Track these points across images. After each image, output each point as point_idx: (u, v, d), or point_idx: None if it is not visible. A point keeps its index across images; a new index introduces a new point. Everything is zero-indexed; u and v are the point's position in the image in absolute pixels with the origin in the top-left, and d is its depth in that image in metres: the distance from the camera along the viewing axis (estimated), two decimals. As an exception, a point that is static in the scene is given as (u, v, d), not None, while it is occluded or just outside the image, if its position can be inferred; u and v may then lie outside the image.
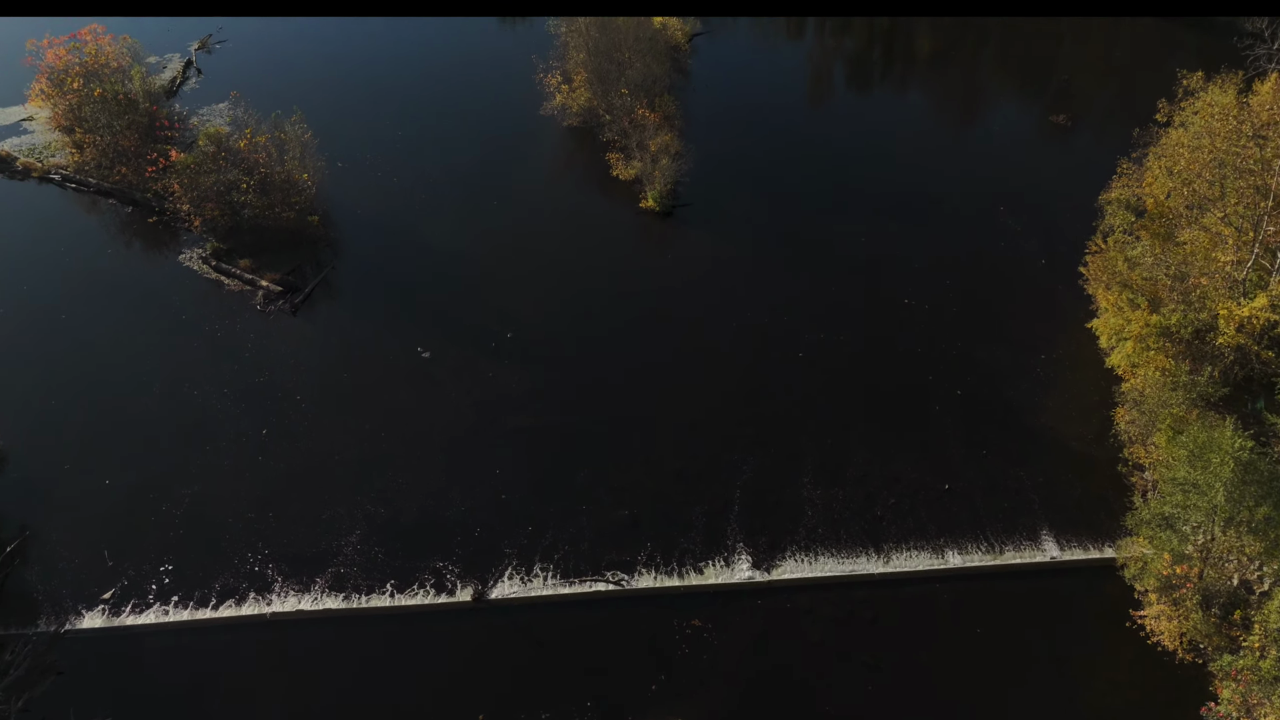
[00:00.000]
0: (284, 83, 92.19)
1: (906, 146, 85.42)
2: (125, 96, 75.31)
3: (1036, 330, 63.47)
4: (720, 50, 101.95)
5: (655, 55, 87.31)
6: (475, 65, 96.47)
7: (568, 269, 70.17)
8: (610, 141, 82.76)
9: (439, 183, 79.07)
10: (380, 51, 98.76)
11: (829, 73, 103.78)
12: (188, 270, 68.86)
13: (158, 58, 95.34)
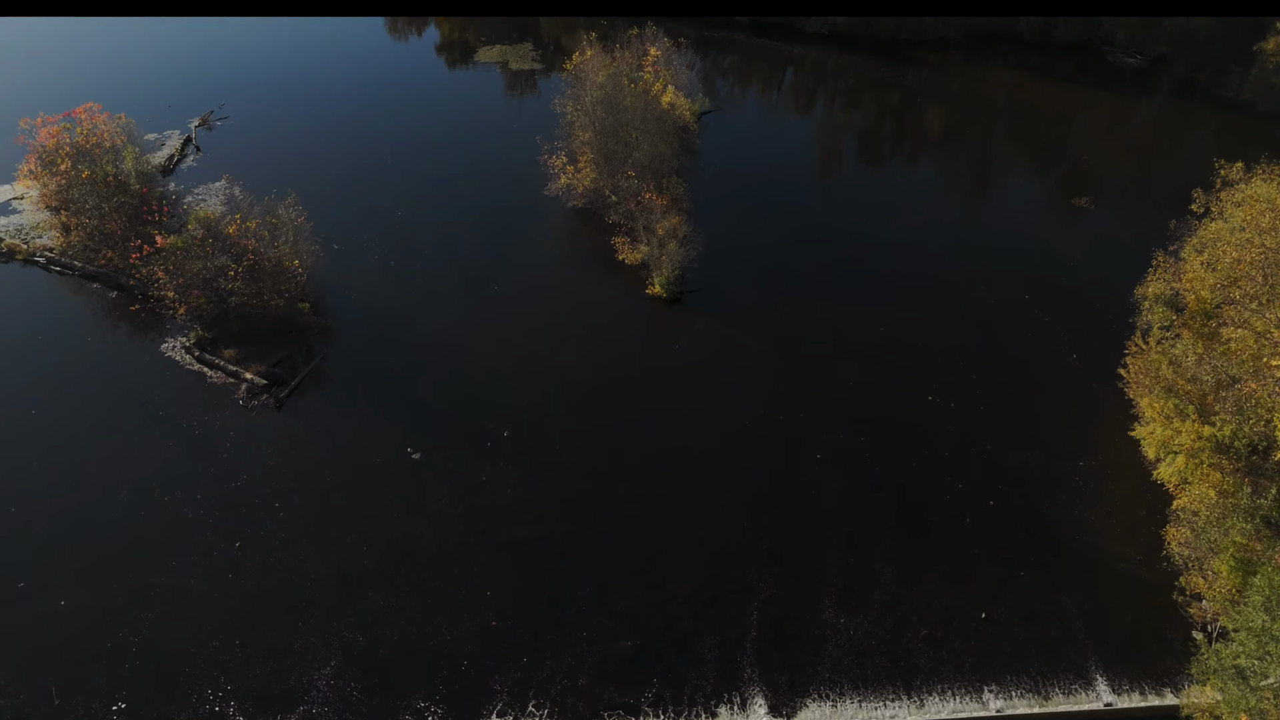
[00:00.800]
0: (285, 159, 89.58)
1: (922, 227, 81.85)
2: (114, 178, 72.12)
3: (1072, 433, 58.67)
4: (729, 127, 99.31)
5: (663, 135, 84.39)
6: (479, 143, 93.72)
7: (570, 360, 65.92)
8: (616, 224, 79.35)
9: (438, 265, 75.42)
10: (384, 128, 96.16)
11: (839, 150, 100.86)
12: (169, 361, 64.72)
13: (157, 135, 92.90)
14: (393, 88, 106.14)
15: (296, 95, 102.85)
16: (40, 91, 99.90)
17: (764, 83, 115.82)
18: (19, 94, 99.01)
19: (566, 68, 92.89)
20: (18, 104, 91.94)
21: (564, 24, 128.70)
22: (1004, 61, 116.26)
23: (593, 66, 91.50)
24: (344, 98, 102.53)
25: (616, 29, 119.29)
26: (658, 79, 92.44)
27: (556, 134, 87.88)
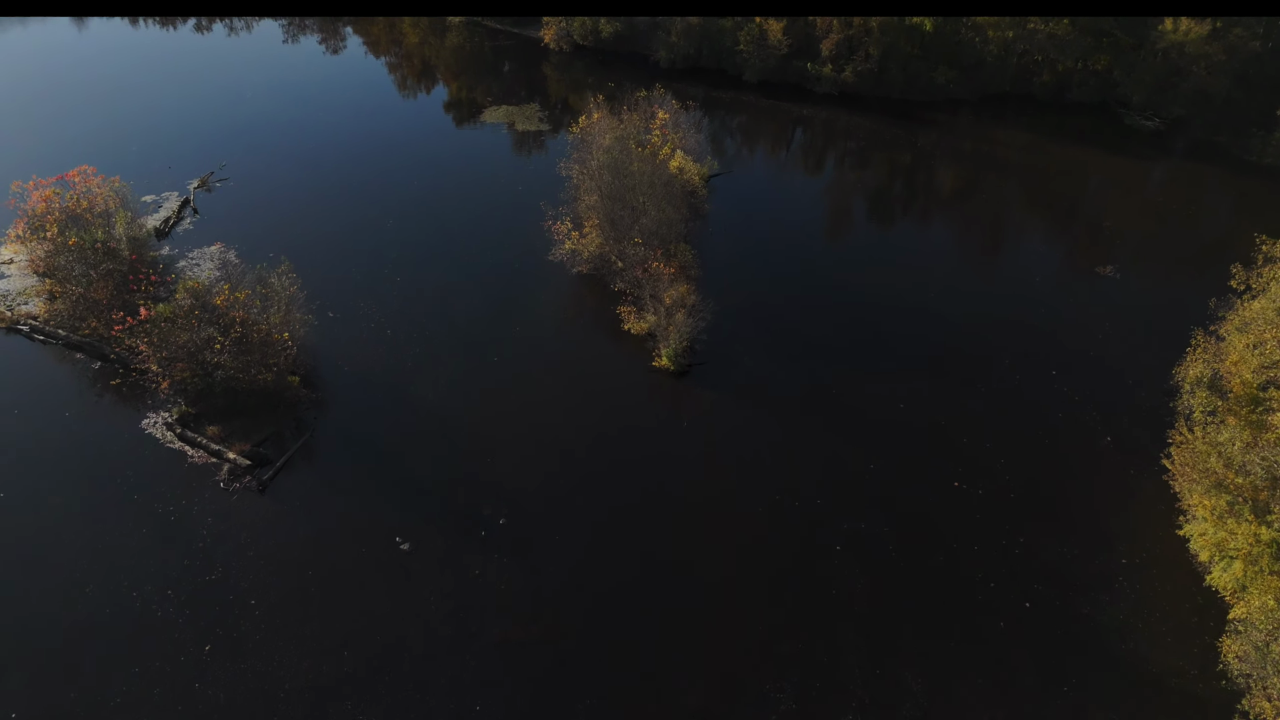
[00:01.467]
0: (284, 222, 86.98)
1: (938, 293, 78.33)
2: (102, 245, 69.28)
3: (1111, 526, 54.23)
4: (738, 189, 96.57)
5: (671, 200, 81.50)
6: (482, 206, 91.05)
7: (570, 437, 62.02)
8: (622, 291, 76.07)
9: (436, 333, 72.02)
10: (387, 190, 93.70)
11: (850, 212, 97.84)
12: (149, 438, 61.00)
13: (154, 197, 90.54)
14: (398, 148, 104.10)
15: (300, 155, 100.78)
16: (39, 153, 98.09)
17: (773, 143, 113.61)
18: (17, 155, 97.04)
19: (573, 130, 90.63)
20: (15, 166, 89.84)
21: (572, 83, 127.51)
22: (1016, 122, 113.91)
23: (599, 129, 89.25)
24: (348, 158, 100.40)
25: (624, 90, 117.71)
26: (665, 142, 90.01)
27: (562, 197, 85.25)
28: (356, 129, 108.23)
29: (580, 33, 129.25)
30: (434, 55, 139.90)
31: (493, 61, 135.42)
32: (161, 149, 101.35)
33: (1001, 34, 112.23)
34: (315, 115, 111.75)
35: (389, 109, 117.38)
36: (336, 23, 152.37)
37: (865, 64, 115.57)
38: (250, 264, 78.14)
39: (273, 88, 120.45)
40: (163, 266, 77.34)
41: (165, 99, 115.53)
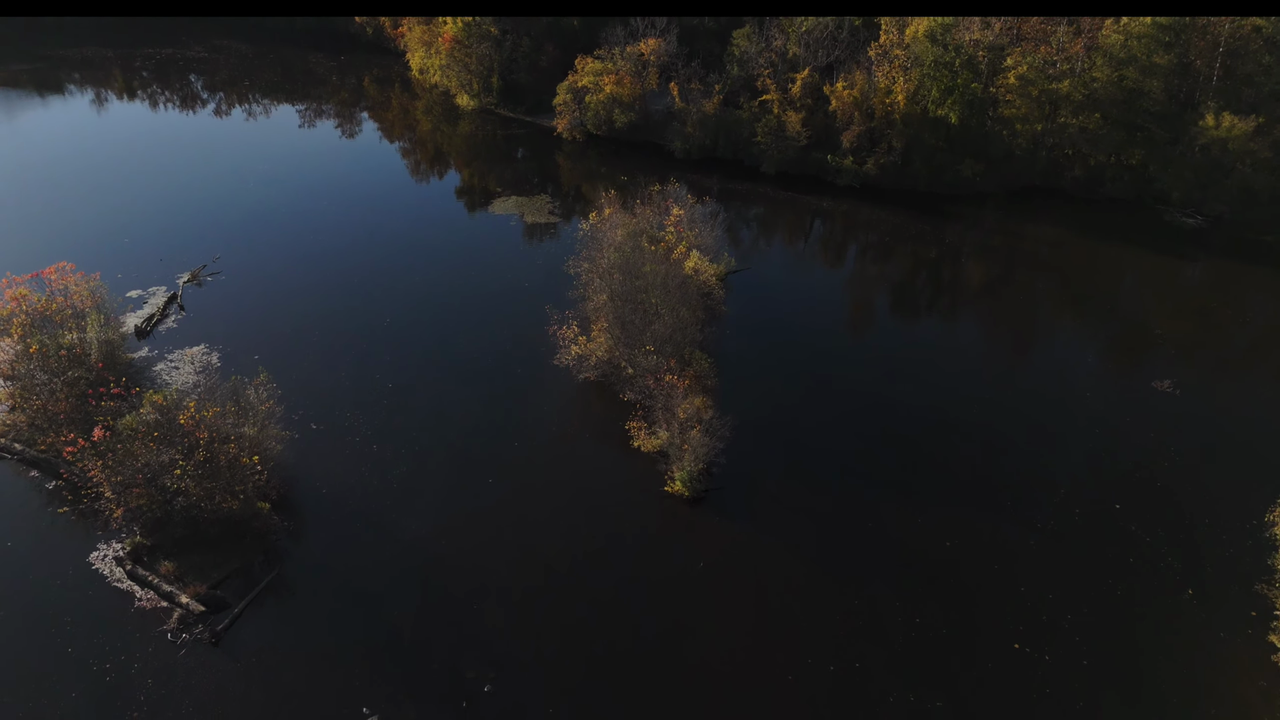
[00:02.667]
0: (275, 319, 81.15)
1: (977, 405, 71.07)
2: (68, 352, 63.23)
3: (1206, 704, 45.63)
4: (757, 287, 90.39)
5: (685, 302, 75.27)
6: (485, 304, 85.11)
7: (569, 575, 54.29)
8: (632, 403, 69.15)
9: (427, 449, 65.00)
10: (386, 285, 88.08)
11: (874, 311, 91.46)
12: (96, 575, 53.66)
13: (141, 291, 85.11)
14: (402, 241, 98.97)
15: (299, 248, 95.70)
16: (29, 244, 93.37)
17: (792, 237, 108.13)
18: (7, 247, 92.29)
19: (583, 226, 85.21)
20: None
21: (584, 173, 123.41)
22: (1047, 218, 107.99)
23: (611, 225, 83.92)
24: (349, 252, 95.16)
25: (638, 183, 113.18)
26: (680, 240, 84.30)
27: (570, 295, 79.35)
28: (361, 221, 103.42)
29: (594, 122, 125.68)
30: (445, 142, 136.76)
31: (504, 149, 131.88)
32: (157, 239, 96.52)
33: (1030, 127, 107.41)
34: (319, 205, 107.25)
35: (396, 199, 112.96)
36: (353, 108, 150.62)
37: (888, 156, 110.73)
38: (234, 366, 72.63)
39: (280, 175, 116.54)
40: (137, 371, 71.31)
41: (169, 186, 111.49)
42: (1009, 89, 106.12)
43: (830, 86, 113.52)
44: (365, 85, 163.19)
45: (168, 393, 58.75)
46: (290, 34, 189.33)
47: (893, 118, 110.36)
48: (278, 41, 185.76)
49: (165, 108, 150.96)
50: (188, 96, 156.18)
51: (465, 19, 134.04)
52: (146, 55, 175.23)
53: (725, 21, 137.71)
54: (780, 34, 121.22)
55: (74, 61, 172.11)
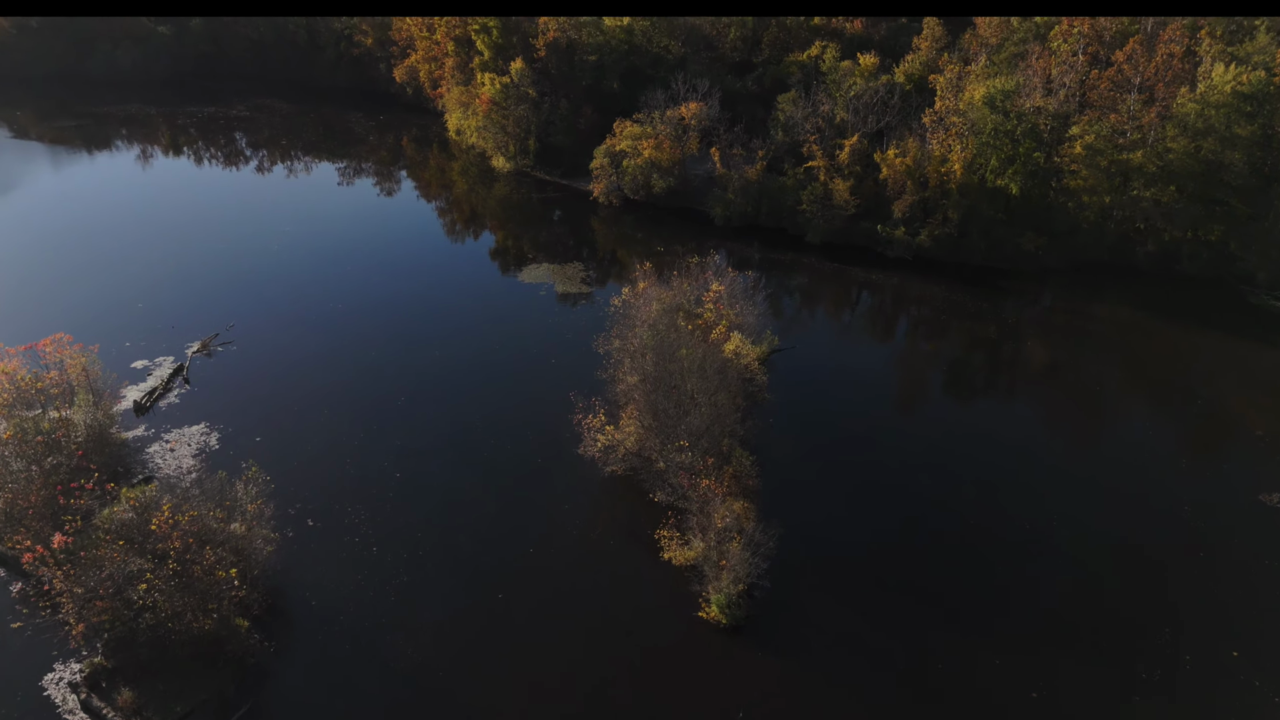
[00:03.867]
0: (281, 398, 75.17)
1: (1057, 521, 62.18)
2: (46, 438, 57.47)
3: None
4: (801, 368, 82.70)
5: (725, 388, 67.87)
6: (508, 384, 78.51)
7: (589, 716, 46.37)
8: (663, 505, 61.47)
9: (433, 557, 57.75)
10: (404, 360, 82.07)
11: (930, 397, 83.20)
12: (46, 703, 46.76)
13: (147, 362, 79.92)
14: (425, 308, 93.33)
15: (317, 317, 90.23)
16: (42, 309, 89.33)
17: (839, 313, 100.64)
18: (24, 312, 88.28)
19: (615, 303, 78.66)
20: (17, 325, 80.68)
21: (619, 239, 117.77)
22: (1116, 296, 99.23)
23: (645, 299, 77.46)
24: (369, 322, 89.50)
25: (675, 253, 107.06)
26: (720, 319, 77.25)
27: (599, 375, 72.54)
28: (385, 286, 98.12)
29: (631, 187, 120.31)
30: (480, 204, 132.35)
31: (539, 213, 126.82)
32: (174, 304, 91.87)
33: (1098, 199, 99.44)
34: (344, 270, 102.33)
35: (425, 262, 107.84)
36: (390, 167, 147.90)
37: (943, 227, 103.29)
38: (233, 449, 66.80)
39: (307, 237, 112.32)
40: (128, 454, 65.42)
41: (194, 246, 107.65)
42: (1075, 159, 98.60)
43: (881, 154, 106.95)
44: (404, 145, 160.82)
45: (143, 490, 52.38)
46: (331, 93, 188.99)
47: (948, 187, 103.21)
48: (318, 100, 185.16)
49: (209, 164, 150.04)
50: (231, 154, 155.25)
51: (503, 80, 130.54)
52: (190, 113, 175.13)
53: (769, 85, 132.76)
54: (827, 99, 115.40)
55: (120, 118, 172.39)
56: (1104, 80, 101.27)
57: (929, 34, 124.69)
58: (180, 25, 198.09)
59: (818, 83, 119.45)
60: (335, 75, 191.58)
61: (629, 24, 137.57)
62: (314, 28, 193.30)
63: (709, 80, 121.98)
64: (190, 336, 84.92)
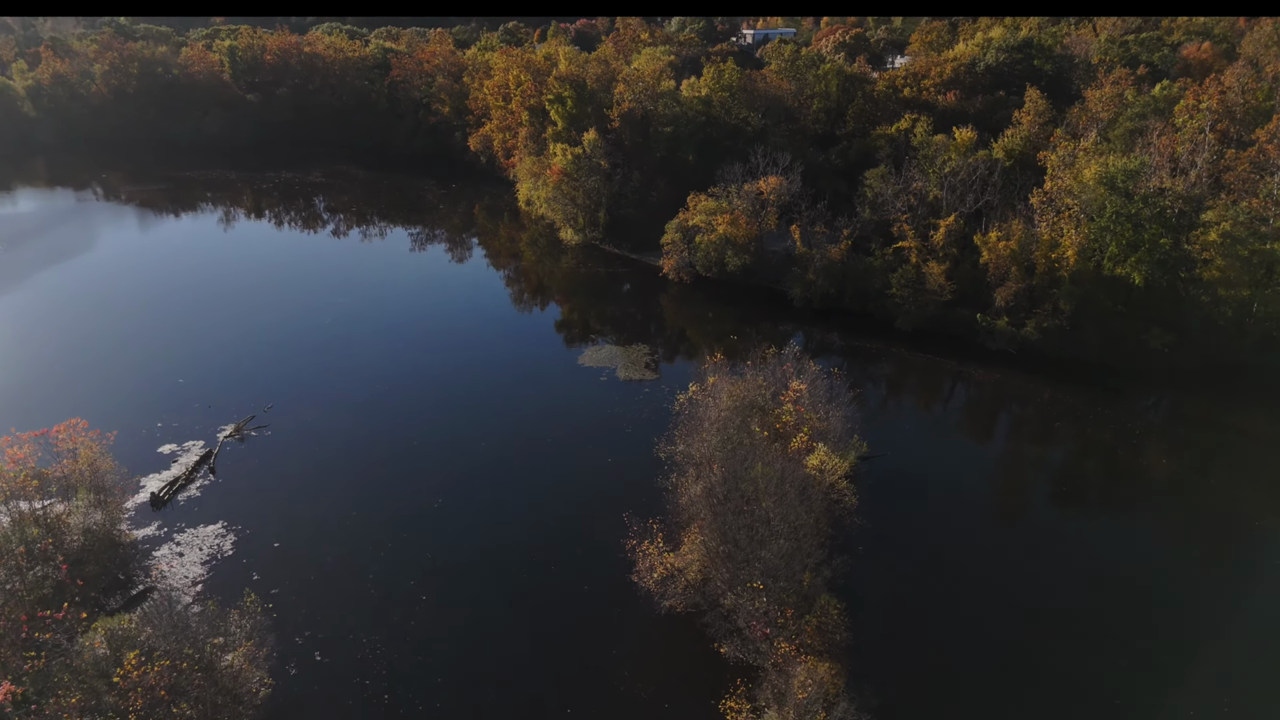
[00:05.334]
0: (310, 494, 67.58)
1: (1200, 688, 49.10)
2: (28, 548, 50.31)
3: None
4: (893, 478, 71.44)
5: (806, 507, 57.18)
6: (556, 487, 69.30)
7: None
8: (731, 661, 50.67)
9: (449, 704, 48.06)
10: (445, 457, 73.97)
11: (1036, 509, 70.86)
12: None
13: (175, 446, 73.45)
14: (475, 393, 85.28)
15: (359, 397, 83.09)
16: (87, 376, 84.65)
17: (932, 411, 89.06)
18: (51, 386, 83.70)
19: (680, 399, 69.19)
20: (25, 411, 75.64)
21: (689, 318, 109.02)
22: (1258, 403, 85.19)
23: (714, 394, 67.88)
24: (413, 403, 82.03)
25: (749, 335, 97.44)
26: (801, 425, 66.80)
27: (660, 480, 62.92)
28: (436, 367, 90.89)
29: (704, 264, 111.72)
30: (547, 276, 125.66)
31: (606, 287, 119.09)
32: (214, 380, 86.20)
33: (1236, 293, 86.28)
34: (396, 346, 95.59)
35: (481, 340, 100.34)
36: (462, 234, 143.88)
37: (1052, 319, 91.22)
38: (248, 555, 59.01)
39: (362, 308, 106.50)
40: (132, 559, 57.95)
41: (245, 317, 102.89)
42: (1208, 247, 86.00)
43: (981, 235, 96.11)
44: (475, 213, 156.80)
45: (120, 622, 44.29)
46: (407, 160, 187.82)
47: (1059, 274, 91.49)
48: (394, 167, 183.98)
49: (287, 228, 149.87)
50: (306, 219, 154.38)
51: (575, 151, 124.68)
52: (268, 179, 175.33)
53: (854, 159, 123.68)
54: (920, 175, 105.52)
55: (203, 182, 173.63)
56: (1242, 160, 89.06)
57: (1031, 107, 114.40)
58: (267, 93, 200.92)
59: (909, 158, 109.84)
60: (412, 142, 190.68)
61: (707, 95, 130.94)
62: (394, 95, 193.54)
63: (790, 153, 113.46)
64: (225, 418, 78.48)
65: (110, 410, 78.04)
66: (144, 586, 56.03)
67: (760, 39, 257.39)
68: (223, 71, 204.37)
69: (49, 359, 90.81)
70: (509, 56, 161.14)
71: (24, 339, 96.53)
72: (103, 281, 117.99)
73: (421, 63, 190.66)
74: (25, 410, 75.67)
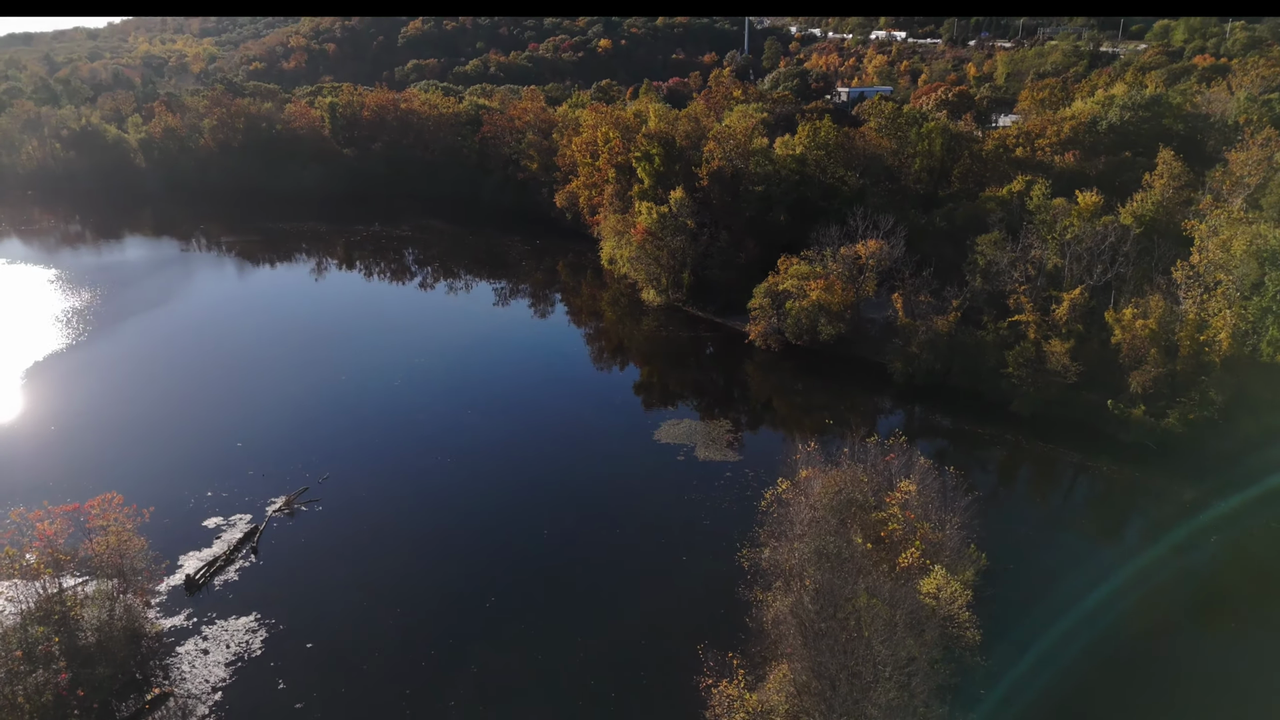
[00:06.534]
0: (353, 582, 60.77)
1: None
2: (26, 651, 44.50)
3: None
4: (1018, 600, 59.96)
5: (920, 642, 47.05)
6: (621, 597, 60.59)
7: None
8: (825, 842, 40.64)
9: None
10: (499, 545, 66.44)
11: (1189, 641, 58.20)
12: None
13: (221, 520, 68.02)
14: (543, 472, 77.84)
15: (422, 469, 76.84)
16: (138, 442, 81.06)
17: (1056, 513, 76.89)
18: (101, 452, 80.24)
19: (766, 496, 60.06)
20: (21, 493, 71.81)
21: (776, 390, 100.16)
22: None
23: (807, 489, 58.83)
24: (477, 483, 75.11)
25: (843, 418, 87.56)
26: (910, 532, 56.59)
27: (741, 590, 53.77)
28: (505, 439, 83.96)
29: (794, 331, 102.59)
30: (627, 338, 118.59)
31: (688, 353, 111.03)
32: (273, 444, 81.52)
33: None
34: (465, 413, 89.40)
35: (556, 406, 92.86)
36: (545, 290, 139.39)
37: (1200, 410, 78.45)
38: (276, 659, 51.92)
39: (434, 370, 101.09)
40: (154, 656, 51.79)
41: (314, 375, 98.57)
42: (1397, 333, 72.46)
43: (1113, 312, 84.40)
44: (559, 270, 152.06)
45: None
46: (494, 214, 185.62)
47: (1207, 359, 78.95)
48: (480, 221, 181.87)
49: (376, 279, 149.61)
50: (393, 272, 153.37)
51: (660, 209, 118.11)
52: (358, 231, 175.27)
53: (961, 222, 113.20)
54: (1039, 242, 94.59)
55: (296, 234, 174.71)
56: None
57: (1164, 170, 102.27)
58: (362, 148, 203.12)
59: (1027, 223, 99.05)
60: (500, 198, 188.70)
61: (801, 153, 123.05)
62: (484, 151, 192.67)
63: (894, 216, 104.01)
64: (278, 487, 72.99)
65: (166, 472, 74.16)
66: (160, 690, 49.63)
67: (855, 97, 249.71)
68: (323, 127, 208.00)
69: (119, 411, 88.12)
70: (598, 113, 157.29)
71: (100, 390, 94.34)
72: (187, 331, 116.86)
73: (512, 119, 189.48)
74: (83, 467, 72.75)
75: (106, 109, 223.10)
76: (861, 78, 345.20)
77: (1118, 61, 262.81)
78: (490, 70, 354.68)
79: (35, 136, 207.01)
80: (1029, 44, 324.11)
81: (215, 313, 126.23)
